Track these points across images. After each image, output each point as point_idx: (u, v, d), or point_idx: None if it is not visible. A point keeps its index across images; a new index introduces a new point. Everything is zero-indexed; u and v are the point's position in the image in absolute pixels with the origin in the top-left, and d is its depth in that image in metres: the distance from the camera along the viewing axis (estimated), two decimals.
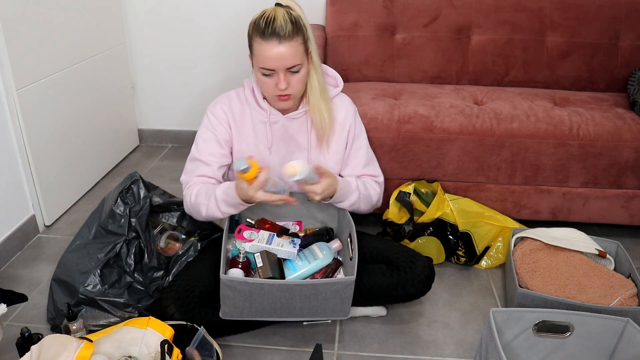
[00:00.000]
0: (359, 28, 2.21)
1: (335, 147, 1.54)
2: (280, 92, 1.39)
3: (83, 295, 1.42)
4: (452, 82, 2.24)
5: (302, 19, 1.38)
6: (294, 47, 1.34)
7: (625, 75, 2.17)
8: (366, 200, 1.55)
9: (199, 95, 2.69)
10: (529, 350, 1.33)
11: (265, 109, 1.49)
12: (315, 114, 1.48)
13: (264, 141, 1.52)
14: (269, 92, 1.42)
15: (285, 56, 1.34)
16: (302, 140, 1.53)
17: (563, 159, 1.82)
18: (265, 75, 1.38)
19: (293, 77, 1.39)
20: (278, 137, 1.52)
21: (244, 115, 1.51)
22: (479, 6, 2.18)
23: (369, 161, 1.61)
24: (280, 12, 1.35)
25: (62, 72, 2.05)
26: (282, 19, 1.33)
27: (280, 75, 1.37)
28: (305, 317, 1.38)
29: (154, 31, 2.57)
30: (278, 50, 1.33)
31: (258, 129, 1.52)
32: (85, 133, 2.25)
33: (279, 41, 1.33)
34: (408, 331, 1.54)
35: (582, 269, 1.57)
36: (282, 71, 1.36)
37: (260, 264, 1.42)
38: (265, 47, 1.34)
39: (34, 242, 1.94)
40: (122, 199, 1.56)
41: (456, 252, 1.80)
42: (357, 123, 1.58)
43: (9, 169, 1.82)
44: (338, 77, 1.58)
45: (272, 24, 1.33)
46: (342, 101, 1.57)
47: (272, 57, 1.34)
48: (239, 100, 1.52)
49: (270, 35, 1.33)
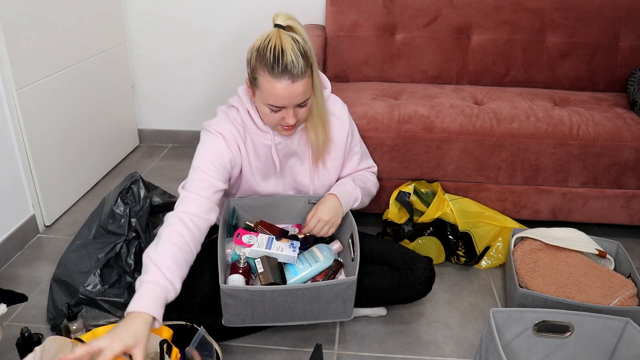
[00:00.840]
0: (359, 28, 2.21)
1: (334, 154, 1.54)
2: (288, 125, 1.35)
3: (83, 295, 1.43)
4: (452, 82, 2.24)
5: (307, 45, 1.29)
6: (306, 84, 1.28)
7: (625, 75, 2.17)
8: (366, 192, 1.59)
9: (198, 96, 2.69)
10: (529, 350, 1.33)
11: (268, 132, 1.43)
12: (311, 133, 1.45)
13: (270, 164, 1.48)
14: (272, 123, 1.37)
15: (297, 94, 1.28)
16: (303, 153, 1.52)
17: (563, 159, 1.82)
18: (272, 110, 1.32)
19: (300, 110, 1.34)
20: (282, 156, 1.49)
21: (246, 139, 1.44)
22: (479, 6, 2.18)
23: (363, 156, 1.62)
24: (287, 41, 1.24)
25: (62, 72, 2.05)
26: (292, 52, 1.24)
27: (289, 112, 1.31)
28: (309, 320, 1.37)
29: (154, 31, 2.57)
30: (290, 90, 1.26)
31: (261, 152, 1.46)
32: (85, 133, 2.25)
33: (292, 80, 1.25)
34: (408, 331, 1.54)
35: (582, 269, 1.57)
36: (292, 107, 1.31)
37: (261, 270, 1.41)
38: (276, 86, 1.26)
39: (34, 242, 1.94)
40: (122, 199, 1.56)
41: (456, 252, 1.80)
42: (351, 122, 1.57)
43: (9, 169, 1.82)
44: (324, 77, 1.52)
45: (282, 58, 1.23)
46: (334, 104, 1.54)
47: (283, 96, 1.27)
48: (234, 126, 1.42)
49: (281, 74, 1.24)
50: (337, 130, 1.53)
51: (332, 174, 1.56)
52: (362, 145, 1.63)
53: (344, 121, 1.54)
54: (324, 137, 1.46)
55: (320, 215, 1.46)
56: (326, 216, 1.46)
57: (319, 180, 1.55)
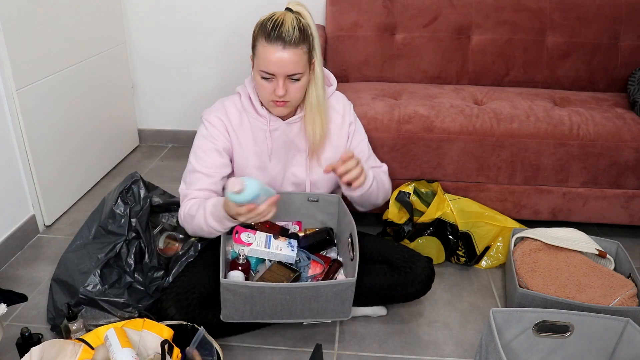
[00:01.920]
0: (359, 28, 2.21)
1: (332, 154, 1.54)
2: (277, 98, 1.38)
3: (83, 295, 1.42)
4: (452, 82, 2.24)
5: (310, 28, 1.37)
6: (297, 54, 1.33)
7: (625, 75, 2.17)
8: (380, 185, 1.53)
9: (198, 96, 2.69)
10: (529, 350, 1.33)
11: (265, 117, 1.48)
12: (309, 125, 1.47)
13: (265, 149, 1.51)
14: (265, 96, 1.40)
15: (287, 62, 1.32)
16: (301, 144, 1.53)
17: (563, 159, 1.82)
18: (264, 78, 1.37)
19: (292, 85, 1.37)
20: (279, 144, 1.51)
21: (242, 123, 1.49)
22: (479, 6, 2.18)
23: (370, 154, 1.62)
24: (289, 17, 1.33)
25: (62, 72, 2.05)
26: (290, 24, 1.31)
27: (279, 81, 1.35)
28: (306, 318, 1.38)
29: (154, 31, 2.57)
30: (281, 55, 1.31)
31: (258, 137, 1.50)
32: (85, 133, 2.25)
33: (284, 46, 1.31)
34: (408, 331, 1.54)
35: (582, 269, 1.57)
36: (282, 77, 1.35)
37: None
38: (269, 50, 1.32)
39: (34, 242, 1.94)
40: (122, 199, 1.56)
41: (456, 252, 1.80)
42: (355, 118, 1.59)
43: (9, 169, 1.82)
44: (330, 75, 1.57)
45: (279, 28, 1.31)
46: (337, 101, 1.57)
47: (273, 61, 1.32)
48: (236, 109, 1.49)
49: (275, 39, 1.31)
50: (338, 127, 1.54)
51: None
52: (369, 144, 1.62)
53: (346, 117, 1.55)
54: (321, 130, 1.48)
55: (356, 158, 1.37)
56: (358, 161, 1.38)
57: (316, 175, 1.55)
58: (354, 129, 1.57)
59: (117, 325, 1.24)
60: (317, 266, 1.51)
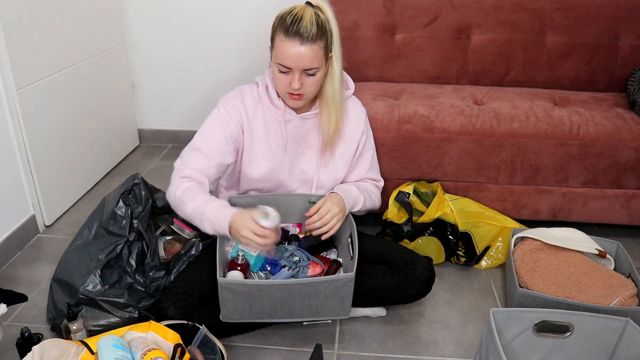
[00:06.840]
0: (359, 28, 2.21)
1: (344, 150, 1.56)
2: (293, 90, 1.40)
3: (83, 295, 1.42)
4: (452, 82, 2.24)
5: (329, 23, 1.38)
6: (314, 50, 1.35)
7: (625, 75, 2.17)
8: (369, 203, 1.59)
9: (198, 96, 2.69)
10: (529, 350, 1.33)
11: (280, 108, 1.50)
12: (324, 121, 1.49)
13: (279, 140, 1.52)
14: (281, 88, 1.43)
15: (303, 57, 1.34)
16: (313, 141, 1.54)
17: (563, 159, 1.82)
18: (281, 71, 1.39)
19: (308, 79, 1.39)
20: (291, 136, 1.52)
21: (257, 113, 1.51)
22: (479, 6, 2.18)
23: (373, 165, 1.65)
24: (309, 12, 1.35)
25: (62, 72, 2.05)
26: (309, 20, 1.33)
27: (295, 75, 1.37)
28: (306, 317, 1.38)
29: (154, 31, 2.57)
30: (298, 50, 1.33)
31: (270, 128, 1.51)
32: (85, 133, 2.25)
33: (301, 42, 1.33)
34: (408, 331, 1.54)
35: (582, 269, 1.57)
36: (298, 71, 1.37)
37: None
38: (287, 45, 1.34)
39: (34, 242, 1.94)
40: (124, 201, 1.56)
41: (456, 252, 1.80)
42: (368, 127, 1.62)
43: (9, 169, 1.82)
44: (349, 79, 1.59)
45: (298, 23, 1.33)
46: (354, 105, 1.59)
47: (290, 56, 1.34)
48: (252, 98, 1.51)
49: (293, 35, 1.33)
50: (352, 127, 1.56)
51: (339, 169, 1.57)
52: (375, 156, 1.66)
53: (360, 121, 1.58)
54: (336, 125, 1.50)
55: (331, 205, 1.45)
56: (337, 208, 1.46)
57: (325, 172, 1.56)
58: (365, 140, 1.59)
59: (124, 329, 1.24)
60: (316, 267, 1.51)
